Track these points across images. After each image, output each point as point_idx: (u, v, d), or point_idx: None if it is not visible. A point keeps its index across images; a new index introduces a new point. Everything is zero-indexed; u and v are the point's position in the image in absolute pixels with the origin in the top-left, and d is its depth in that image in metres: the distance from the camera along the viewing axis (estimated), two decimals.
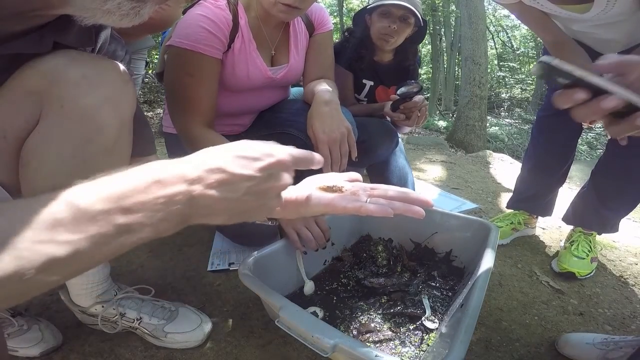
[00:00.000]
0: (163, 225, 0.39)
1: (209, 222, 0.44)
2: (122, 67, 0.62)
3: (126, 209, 0.36)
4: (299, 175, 0.67)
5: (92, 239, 0.34)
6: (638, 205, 1.23)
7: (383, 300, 0.89)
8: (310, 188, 0.62)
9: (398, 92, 1.34)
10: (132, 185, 0.37)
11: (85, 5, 0.48)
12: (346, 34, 1.61)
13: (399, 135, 1.58)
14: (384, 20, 1.44)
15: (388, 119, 1.72)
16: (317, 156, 0.52)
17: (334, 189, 0.59)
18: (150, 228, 0.38)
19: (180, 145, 1.03)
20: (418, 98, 1.35)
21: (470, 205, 1.77)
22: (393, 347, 0.76)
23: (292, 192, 0.61)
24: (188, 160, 0.42)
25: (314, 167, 0.52)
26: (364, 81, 1.60)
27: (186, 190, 0.39)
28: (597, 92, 0.42)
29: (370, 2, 1.51)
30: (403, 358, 0.73)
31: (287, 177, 0.48)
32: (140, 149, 0.74)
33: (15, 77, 0.56)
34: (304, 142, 1.07)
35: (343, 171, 0.82)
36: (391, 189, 0.59)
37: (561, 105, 0.44)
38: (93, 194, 0.36)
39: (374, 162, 1.50)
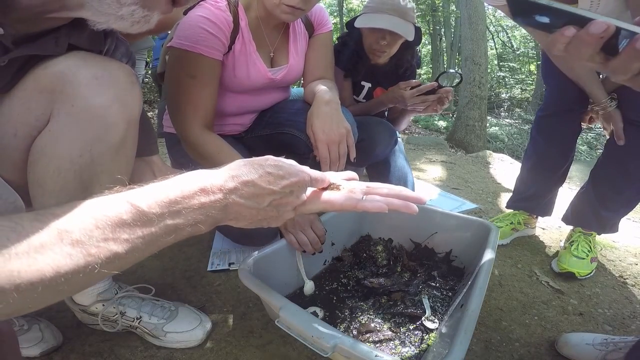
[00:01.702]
0: (200, 226, 0.45)
1: (234, 225, 0.51)
2: (129, 68, 0.64)
3: (176, 212, 0.42)
4: None
5: (147, 237, 0.40)
6: (638, 206, 1.23)
7: (383, 300, 0.89)
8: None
9: (439, 81, 1.31)
10: (181, 192, 0.43)
11: (101, 10, 0.50)
12: (341, 40, 1.57)
13: (398, 134, 1.58)
14: (373, 35, 1.38)
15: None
16: (327, 178, 0.59)
17: (331, 187, 0.59)
18: (190, 229, 0.44)
19: (180, 145, 1.03)
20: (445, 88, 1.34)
21: (470, 205, 1.77)
22: (393, 347, 0.76)
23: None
24: (226, 171, 0.48)
25: (323, 186, 0.58)
26: (362, 83, 1.60)
27: (224, 199, 0.46)
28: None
29: (361, 11, 1.46)
30: (403, 358, 0.73)
31: (303, 195, 0.56)
32: (144, 149, 0.75)
33: (27, 77, 0.58)
34: (304, 142, 1.07)
35: (341, 171, 0.83)
36: (386, 187, 0.61)
37: (555, 49, 0.43)
38: (151, 198, 0.41)
39: (373, 162, 1.50)
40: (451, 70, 1.35)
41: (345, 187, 0.60)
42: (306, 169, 0.55)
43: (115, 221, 0.37)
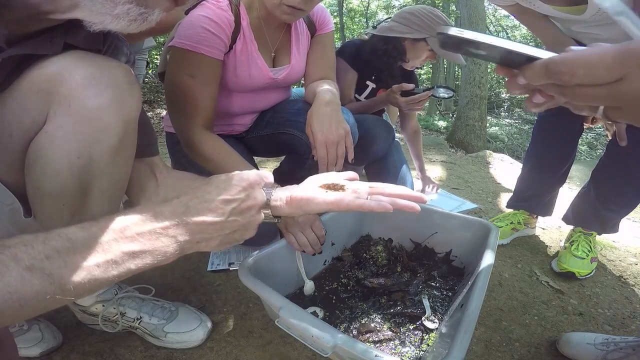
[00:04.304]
0: (165, 257, 0.46)
1: (205, 248, 0.51)
2: (128, 68, 0.63)
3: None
4: (302, 176, 0.68)
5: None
6: (638, 206, 1.23)
7: (383, 300, 0.89)
8: (314, 187, 0.63)
9: (433, 92, 1.46)
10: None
11: (94, 10, 0.49)
12: (374, 43, 1.57)
13: (397, 135, 1.60)
14: (428, 54, 1.50)
15: (385, 117, 1.76)
16: (266, 175, 0.59)
17: (336, 187, 0.60)
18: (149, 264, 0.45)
19: (180, 144, 1.03)
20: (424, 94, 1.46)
21: (470, 205, 1.77)
22: (393, 347, 0.76)
23: (297, 191, 0.62)
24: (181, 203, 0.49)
25: (263, 186, 0.59)
26: (367, 82, 1.60)
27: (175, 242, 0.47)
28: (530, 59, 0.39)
29: (417, 25, 1.47)
30: (403, 358, 0.73)
31: (261, 194, 0.56)
32: (144, 150, 0.74)
33: (23, 77, 0.57)
34: (305, 142, 1.07)
35: (339, 171, 0.83)
36: (388, 187, 0.62)
37: (511, 90, 0.43)
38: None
39: (371, 159, 1.50)
40: (441, 90, 1.49)
41: (349, 187, 0.61)
42: (254, 171, 0.57)
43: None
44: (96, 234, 0.42)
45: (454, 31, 0.40)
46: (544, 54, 0.36)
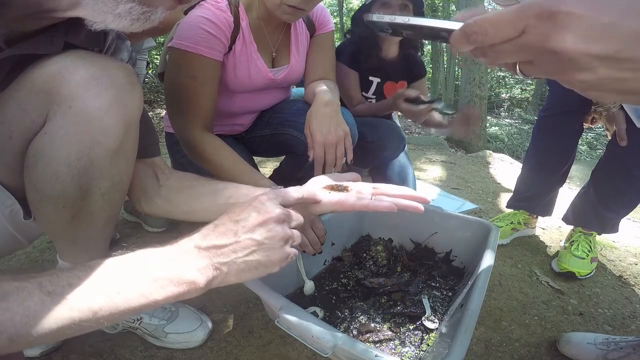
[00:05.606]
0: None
1: (228, 278, 0.50)
2: (130, 68, 0.62)
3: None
4: (303, 177, 0.68)
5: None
6: (638, 206, 1.23)
7: (383, 300, 0.89)
8: (318, 188, 0.63)
9: (435, 104, 1.33)
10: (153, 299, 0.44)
11: (97, 8, 0.49)
12: (347, 35, 1.59)
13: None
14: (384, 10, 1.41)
15: (395, 120, 1.74)
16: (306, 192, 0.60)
17: (339, 188, 0.61)
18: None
19: (180, 144, 1.03)
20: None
21: (470, 205, 1.77)
22: (393, 347, 0.76)
23: (301, 192, 0.62)
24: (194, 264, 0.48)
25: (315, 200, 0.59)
26: (371, 78, 1.58)
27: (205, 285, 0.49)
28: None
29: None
30: (403, 358, 0.73)
31: (273, 207, 0.52)
32: (145, 151, 0.74)
33: (22, 77, 0.56)
34: (304, 142, 1.07)
35: (339, 172, 0.83)
36: (392, 187, 0.63)
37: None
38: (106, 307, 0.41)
39: (379, 164, 1.50)
40: (442, 105, 1.35)
41: (352, 188, 0.61)
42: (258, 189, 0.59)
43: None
44: (117, 264, 0.43)
45: (375, 17, 0.44)
46: (458, 25, 0.39)
